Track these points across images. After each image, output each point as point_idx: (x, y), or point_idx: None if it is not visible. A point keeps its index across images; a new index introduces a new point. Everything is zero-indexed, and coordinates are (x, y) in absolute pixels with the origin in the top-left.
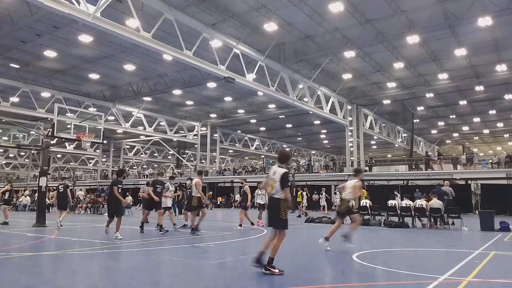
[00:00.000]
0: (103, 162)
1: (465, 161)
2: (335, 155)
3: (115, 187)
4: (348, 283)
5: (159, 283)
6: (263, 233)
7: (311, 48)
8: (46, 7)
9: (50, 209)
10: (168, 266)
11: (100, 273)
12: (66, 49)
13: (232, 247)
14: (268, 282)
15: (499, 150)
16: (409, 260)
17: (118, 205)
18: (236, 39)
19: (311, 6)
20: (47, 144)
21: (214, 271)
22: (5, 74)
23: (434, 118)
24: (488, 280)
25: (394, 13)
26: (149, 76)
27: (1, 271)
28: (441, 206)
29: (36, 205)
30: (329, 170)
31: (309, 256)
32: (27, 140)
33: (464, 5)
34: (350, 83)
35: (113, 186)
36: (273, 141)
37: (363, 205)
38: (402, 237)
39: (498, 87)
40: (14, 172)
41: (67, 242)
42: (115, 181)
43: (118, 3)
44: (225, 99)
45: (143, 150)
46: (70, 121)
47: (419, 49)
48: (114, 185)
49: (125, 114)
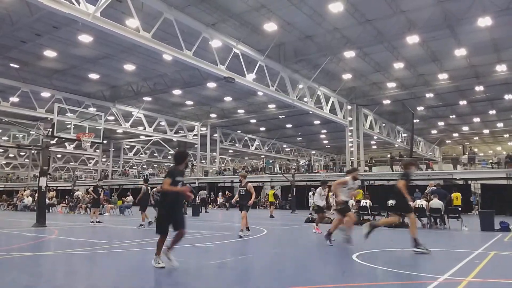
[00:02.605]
0: (103, 162)
1: (466, 161)
2: (335, 155)
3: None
4: (348, 283)
5: (159, 283)
6: (263, 233)
7: (311, 48)
8: (46, 7)
9: (50, 209)
10: (168, 266)
11: (100, 273)
12: (66, 49)
13: (232, 247)
14: (268, 282)
15: (499, 150)
16: (409, 260)
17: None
18: (236, 39)
19: (311, 6)
20: (47, 144)
21: (214, 271)
22: (5, 74)
23: (434, 118)
24: (488, 280)
25: (394, 13)
26: (149, 76)
27: (1, 271)
28: (441, 206)
29: (36, 205)
30: (329, 170)
31: (309, 256)
32: (27, 140)
33: (464, 5)
34: (350, 83)
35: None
36: (273, 141)
37: (363, 205)
38: (402, 237)
39: (498, 87)
40: (14, 172)
41: (67, 242)
42: (172, 172)
43: (118, 3)
44: (225, 99)
45: (143, 150)
46: (70, 121)
47: (419, 49)
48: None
49: (125, 114)
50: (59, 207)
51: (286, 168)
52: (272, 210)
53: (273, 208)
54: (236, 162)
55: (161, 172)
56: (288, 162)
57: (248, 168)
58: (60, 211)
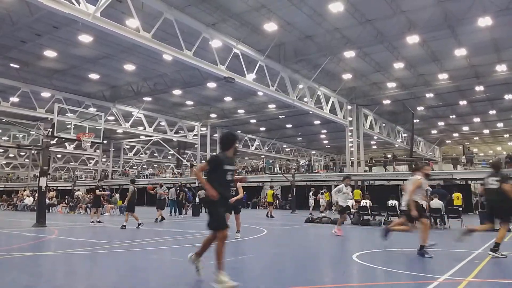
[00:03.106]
0: (103, 162)
1: (465, 161)
2: (335, 155)
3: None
4: (348, 283)
5: (159, 283)
6: (263, 233)
7: (311, 48)
8: (46, 7)
9: (50, 209)
10: (168, 266)
11: (100, 273)
12: (66, 49)
13: (232, 247)
14: (268, 282)
15: (499, 150)
16: (409, 260)
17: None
18: (236, 39)
19: (311, 6)
20: (47, 144)
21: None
22: (5, 74)
23: (434, 118)
24: (488, 280)
25: (394, 13)
26: (149, 76)
27: (1, 271)
28: (441, 206)
29: (36, 205)
30: (329, 170)
31: (309, 256)
32: (27, 140)
33: (464, 5)
34: (350, 83)
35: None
36: (273, 141)
37: (363, 205)
38: (402, 237)
39: (498, 87)
40: (14, 172)
41: (67, 242)
42: (217, 160)
43: (118, 3)
44: (225, 99)
45: (143, 150)
46: (70, 121)
47: (419, 49)
48: None
49: (125, 114)
50: (59, 207)
51: (286, 168)
52: (271, 211)
53: (271, 208)
54: (236, 162)
55: (161, 172)
56: (288, 162)
57: (248, 168)
58: (60, 211)
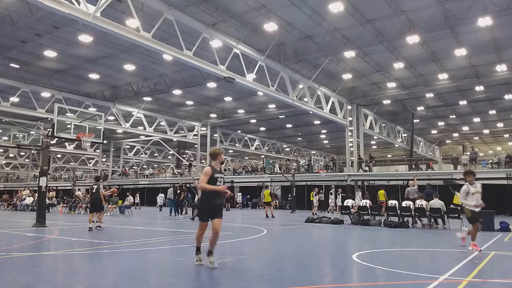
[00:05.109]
0: (103, 162)
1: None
2: (335, 155)
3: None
4: (348, 283)
5: (159, 283)
6: (263, 233)
7: (311, 48)
8: (46, 7)
9: (50, 209)
10: (168, 266)
11: (100, 273)
12: (66, 49)
13: (232, 247)
14: (268, 282)
15: (499, 150)
16: (409, 260)
17: None
18: (236, 39)
19: (311, 6)
20: (47, 144)
21: (214, 271)
22: (5, 74)
23: (434, 118)
24: (488, 280)
25: (394, 13)
26: (149, 76)
27: (1, 271)
28: (441, 206)
29: (36, 205)
30: (329, 170)
31: (309, 256)
32: (27, 140)
33: (464, 5)
34: (350, 83)
35: None
36: (273, 141)
37: (363, 205)
38: (402, 237)
39: (498, 87)
40: (14, 172)
41: (67, 242)
42: None
43: (118, 3)
44: (225, 99)
45: (143, 150)
46: (70, 121)
47: (419, 49)
48: None
49: (125, 114)
50: (59, 207)
51: (286, 168)
52: (271, 210)
53: (268, 208)
54: (236, 162)
55: (161, 172)
56: (288, 162)
57: (248, 168)
58: (60, 211)
